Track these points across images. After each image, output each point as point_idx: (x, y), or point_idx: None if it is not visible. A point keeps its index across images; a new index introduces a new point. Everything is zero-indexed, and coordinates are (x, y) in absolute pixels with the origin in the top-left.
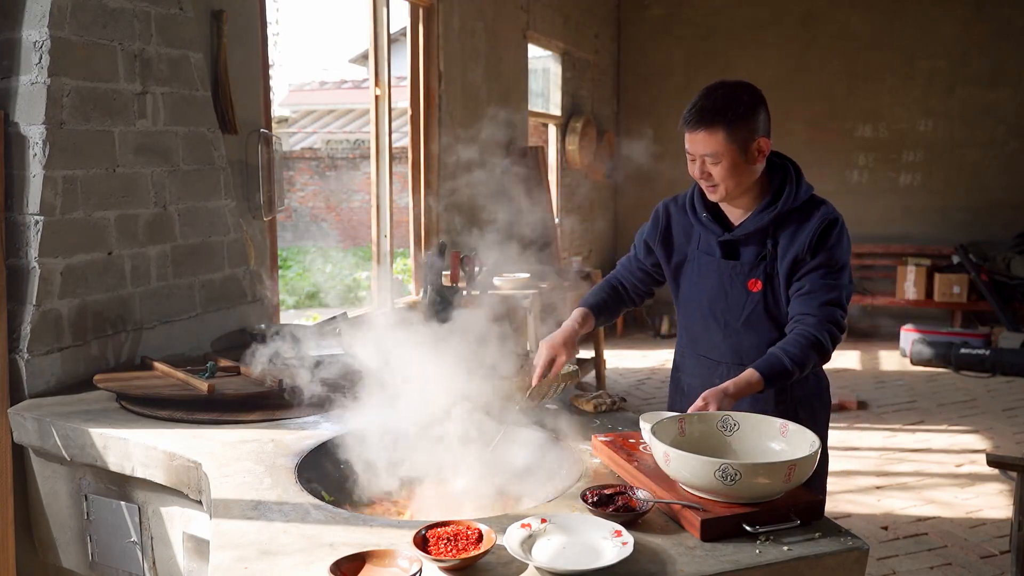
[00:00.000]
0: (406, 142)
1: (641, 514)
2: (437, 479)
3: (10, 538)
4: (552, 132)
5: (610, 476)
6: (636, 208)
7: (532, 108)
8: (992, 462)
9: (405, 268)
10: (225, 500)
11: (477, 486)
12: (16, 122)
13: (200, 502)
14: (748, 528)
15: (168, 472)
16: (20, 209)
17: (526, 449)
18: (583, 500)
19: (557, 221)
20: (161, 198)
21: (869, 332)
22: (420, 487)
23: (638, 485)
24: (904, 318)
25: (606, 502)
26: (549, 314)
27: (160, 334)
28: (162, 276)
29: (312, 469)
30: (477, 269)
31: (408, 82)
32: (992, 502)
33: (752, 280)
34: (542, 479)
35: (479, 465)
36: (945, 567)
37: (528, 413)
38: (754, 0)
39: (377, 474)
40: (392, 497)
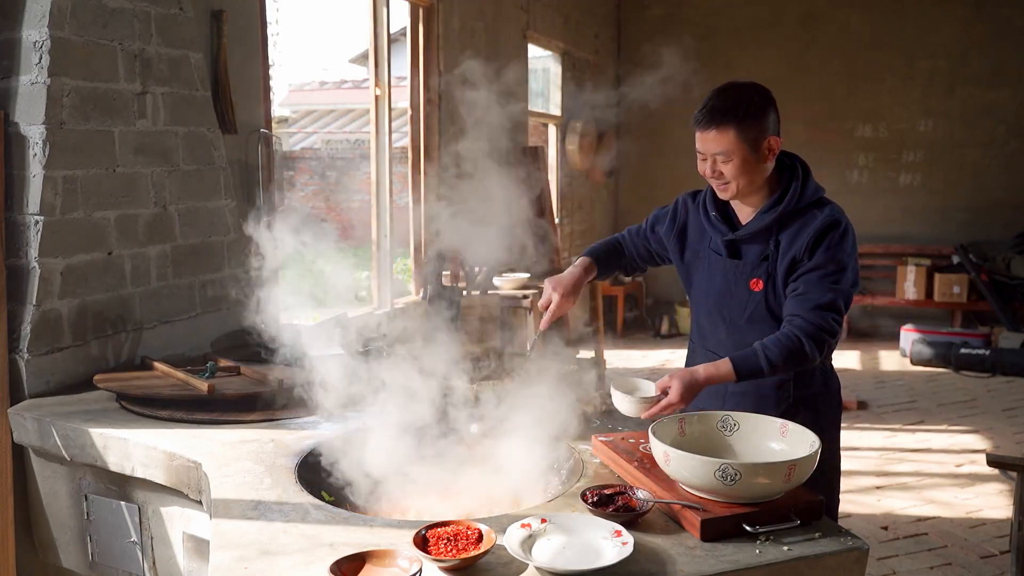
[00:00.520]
0: (406, 142)
1: (641, 514)
2: (437, 479)
3: (10, 538)
4: (552, 132)
5: (610, 476)
6: (636, 208)
7: (532, 108)
8: (992, 462)
9: (405, 268)
10: (225, 500)
11: (477, 486)
12: (16, 122)
13: (200, 502)
14: (748, 528)
15: (168, 472)
16: (20, 209)
17: (526, 449)
18: (583, 500)
19: (557, 221)
20: (161, 198)
21: (869, 332)
22: (420, 487)
23: (638, 485)
24: (904, 318)
25: (606, 502)
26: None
27: (160, 334)
28: (162, 276)
29: (312, 469)
30: (477, 269)
31: (408, 82)
32: (992, 502)
33: (754, 280)
34: (542, 479)
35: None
36: (945, 567)
37: (538, 363)
38: (754, 0)
39: (377, 474)
40: (392, 497)
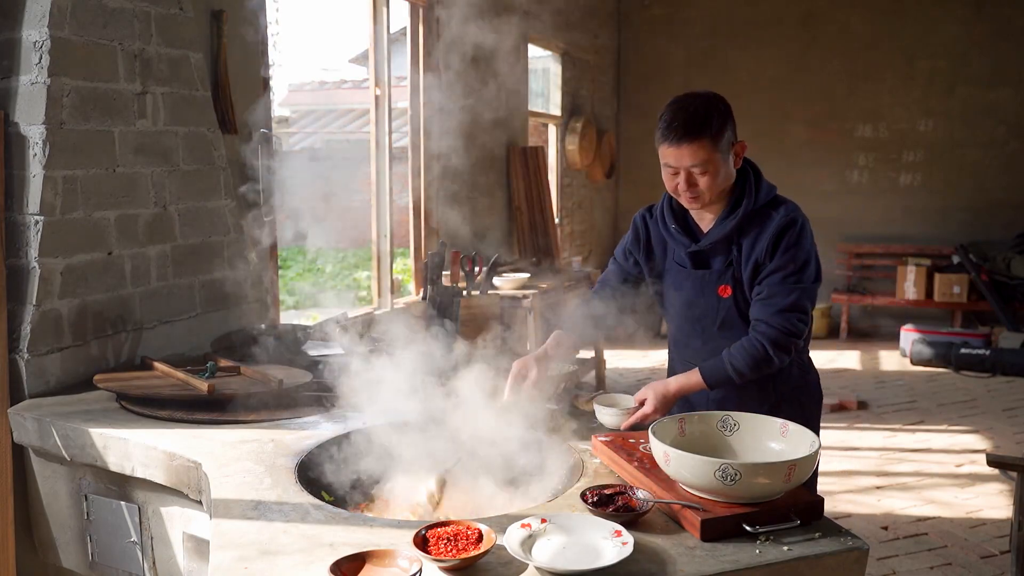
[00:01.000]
0: (406, 142)
1: (641, 514)
2: (437, 479)
3: (10, 538)
4: (552, 132)
5: (610, 476)
6: (636, 208)
7: (532, 108)
8: (992, 462)
9: (405, 268)
10: (225, 500)
11: (477, 486)
12: (16, 122)
13: (200, 502)
14: (748, 528)
15: (168, 472)
16: (20, 209)
17: (526, 449)
18: (583, 500)
19: (557, 221)
20: (161, 198)
21: (869, 332)
22: (420, 487)
23: (638, 485)
24: (904, 318)
25: (606, 502)
26: (549, 314)
27: (160, 334)
28: (162, 276)
29: (312, 469)
30: (477, 269)
31: (408, 82)
32: (992, 502)
33: (722, 286)
34: (542, 479)
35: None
36: (945, 567)
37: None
38: (754, 0)
39: (376, 473)
40: (390, 496)
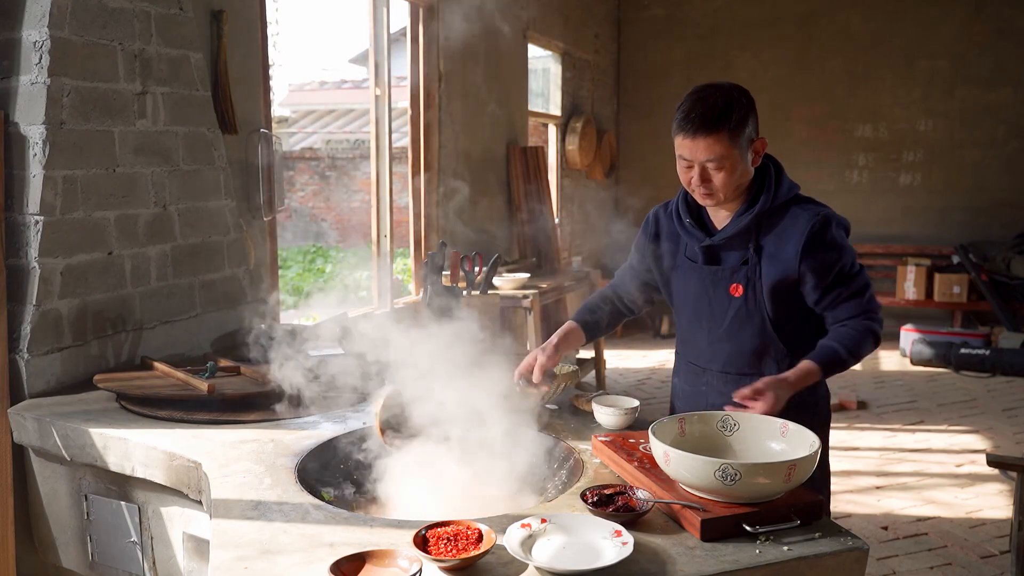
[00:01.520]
0: (406, 142)
1: (641, 514)
2: (437, 479)
3: (10, 538)
4: (552, 132)
5: (610, 476)
6: (636, 208)
7: (532, 108)
8: (992, 462)
9: (405, 268)
10: (225, 500)
11: (476, 486)
12: (16, 122)
13: (200, 502)
14: (748, 528)
15: (168, 472)
16: (20, 209)
17: (526, 449)
18: (583, 500)
19: (557, 221)
20: (161, 198)
21: None
22: (419, 487)
23: (638, 485)
24: (904, 318)
25: (606, 502)
26: (549, 314)
27: (160, 334)
28: (162, 276)
29: (312, 469)
30: (477, 269)
31: (408, 82)
32: (992, 502)
33: (734, 285)
34: (542, 479)
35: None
36: (945, 567)
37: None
38: (754, 0)
39: (376, 473)
40: (391, 496)
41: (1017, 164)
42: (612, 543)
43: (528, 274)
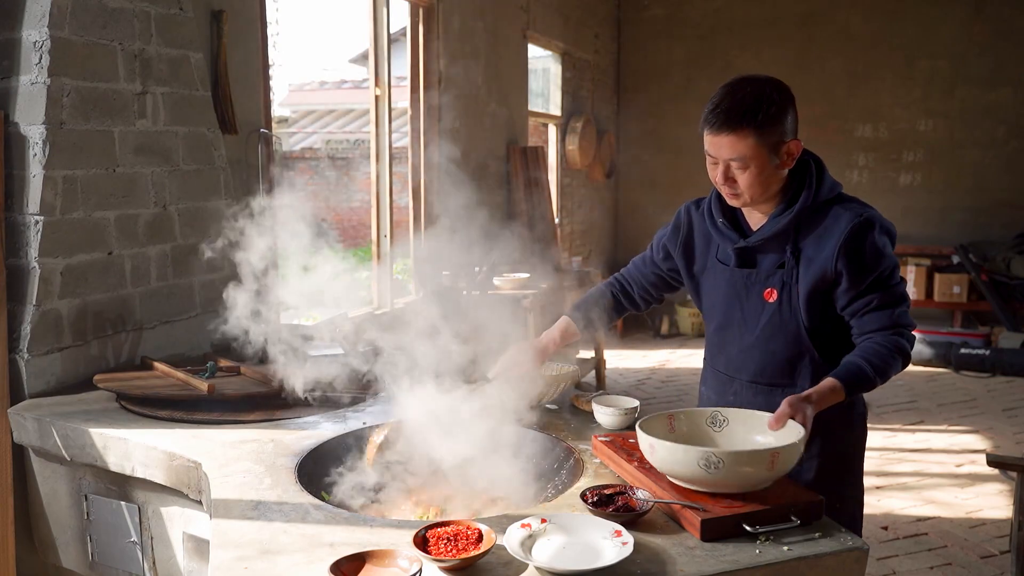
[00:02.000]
0: (406, 142)
1: (641, 514)
2: (437, 479)
3: (10, 538)
4: (552, 132)
5: (610, 476)
6: (636, 208)
7: (532, 108)
8: (992, 462)
9: (405, 268)
10: (225, 500)
11: (475, 486)
12: (16, 122)
13: (200, 502)
14: (748, 528)
15: (168, 472)
16: (20, 209)
17: (526, 449)
18: (583, 500)
19: (557, 221)
20: (161, 198)
21: None
22: (419, 486)
23: (638, 485)
24: None
25: (606, 502)
26: (549, 314)
27: (160, 334)
28: (162, 276)
29: (312, 469)
30: (477, 269)
31: (408, 82)
32: (992, 502)
33: (768, 290)
34: (542, 479)
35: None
36: (945, 567)
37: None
38: (754, 0)
39: (377, 473)
40: (391, 497)
41: (1017, 164)
42: (612, 543)
43: (528, 274)
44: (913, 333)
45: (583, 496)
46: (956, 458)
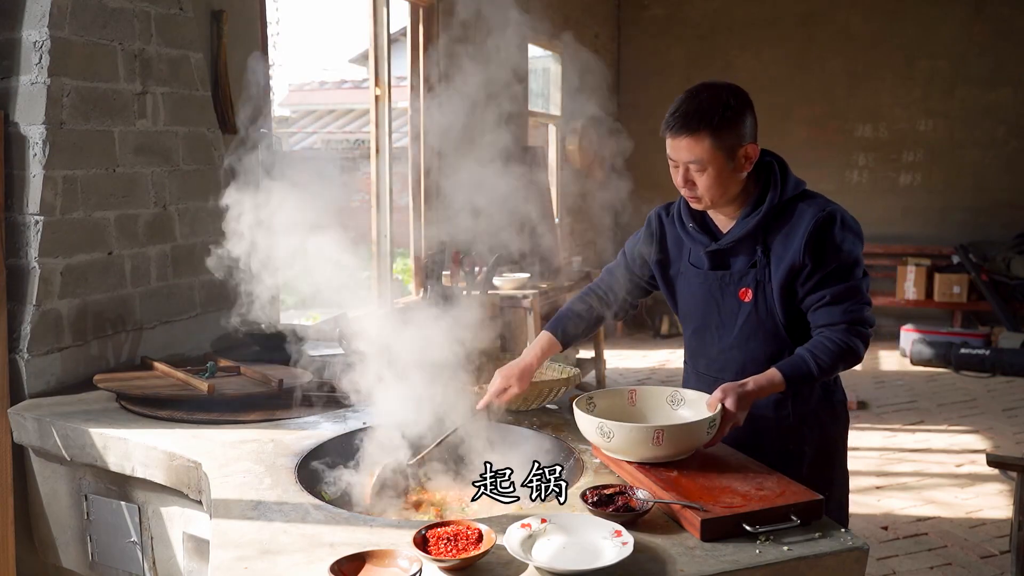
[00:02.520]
0: (406, 142)
1: (641, 514)
2: (436, 479)
3: (10, 538)
4: (552, 132)
5: (610, 476)
6: (636, 208)
7: (532, 108)
8: (992, 462)
9: (405, 268)
10: (225, 500)
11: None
12: (16, 122)
13: (200, 502)
14: (748, 528)
15: (168, 472)
16: (20, 209)
17: (526, 449)
18: (583, 500)
19: (557, 221)
20: (161, 198)
21: None
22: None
23: (638, 485)
24: (904, 318)
25: (606, 502)
26: (549, 314)
27: (160, 334)
28: (162, 276)
29: (312, 469)
30: (477, 269)
31: (408, 82)
32: (992, 502)
33: (743, 289)
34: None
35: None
36: (945, 567)
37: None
38: (754, 0)
39: (376, 473)
40: (391, 496)
41: (1017, 164)
42: (612, 543)
43: (528, 274)
44: (868, 330)
45: (583, 496)
46: (956, 458)
